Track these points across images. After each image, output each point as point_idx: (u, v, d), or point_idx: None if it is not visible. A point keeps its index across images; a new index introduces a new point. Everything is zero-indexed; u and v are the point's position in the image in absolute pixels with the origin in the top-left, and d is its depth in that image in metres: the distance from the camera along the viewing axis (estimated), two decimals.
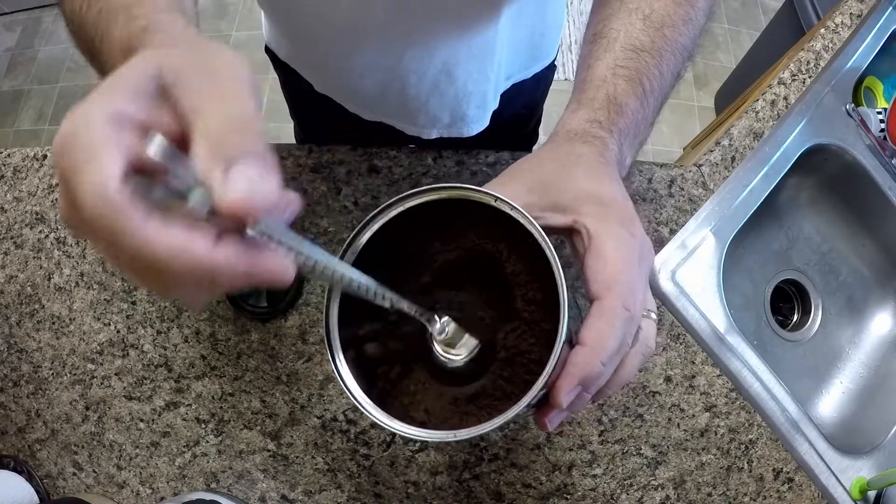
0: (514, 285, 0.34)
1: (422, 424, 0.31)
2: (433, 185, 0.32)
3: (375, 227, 0.32)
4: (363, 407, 0.31)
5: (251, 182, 0.20)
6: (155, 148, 0.19)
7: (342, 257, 0.32)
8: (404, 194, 0.32)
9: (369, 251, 0.32)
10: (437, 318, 0.32)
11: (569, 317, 0.28)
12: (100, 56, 0.31)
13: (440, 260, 0.35)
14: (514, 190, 0.33)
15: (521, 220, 0.30)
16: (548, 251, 0.29)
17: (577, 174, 0.34)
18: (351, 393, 0.31)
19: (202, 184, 0.20)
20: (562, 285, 0.29)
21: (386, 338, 0.35)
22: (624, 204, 0.33)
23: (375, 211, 0.32)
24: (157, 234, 0.19)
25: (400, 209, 0.32)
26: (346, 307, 0.32)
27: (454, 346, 0.33)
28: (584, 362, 0.28)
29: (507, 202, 0.30)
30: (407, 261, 0.36)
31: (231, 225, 0.21)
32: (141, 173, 0.20)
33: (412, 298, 0.32)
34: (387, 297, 0.29)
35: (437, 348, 0.34)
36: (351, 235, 0.32)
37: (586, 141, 0.36)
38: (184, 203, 0.20)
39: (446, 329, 0.33)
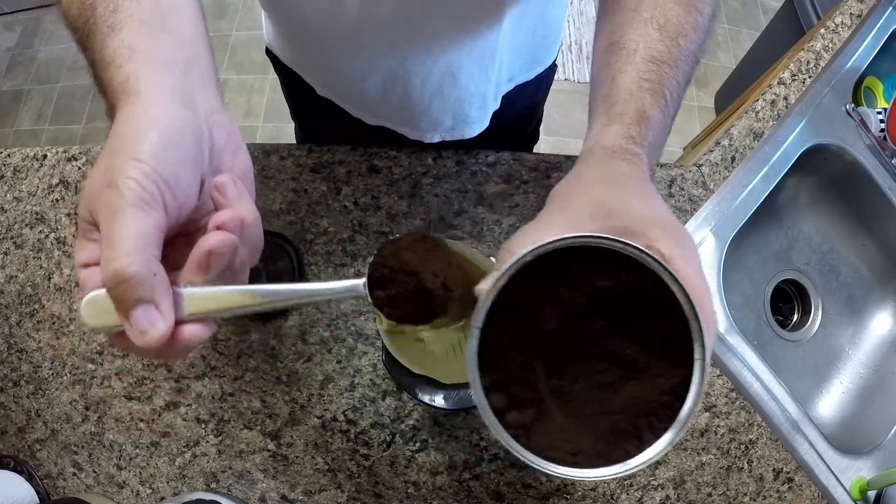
0: (641, 320, 0.35)
1: (574, 464, 0.32)
2: (561, 237, 0.31)
3: (503, 282, 0.32)
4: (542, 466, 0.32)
5: (145, 331, 0.28)
6: (85, 314, 0.29)
7: (483, 314, 0.33)
8: (533, 247, 0.32)
9: (500, 306, 0.33)
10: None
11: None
12: (96, 66, 0.34)
13: (567, 305, 0.36)
14: (576, 217, 0.33)
15: (653, 266, 0.31)
16: (682, 298, 0.31)
17: (633, 197, 0.34)
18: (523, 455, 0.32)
19: None
20: (697, 330, 0.31)
21: (511, 385, 0.35)
22: (679, 224, 0.34)
23: (507, 266, 0.32)
24: (119, 343, 0.30)
25: (528, 259, 0.32)
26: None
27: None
28: None
29: (635, 246, 0.31)
30: (535, 310, 0.36)
31: None
32: None
33: (540, 343, 0.34)
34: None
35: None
36: (486, 301, 0.32)
37: (626, 159, 0.37)
38: None
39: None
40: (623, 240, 0.31)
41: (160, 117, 0.30)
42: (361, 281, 0.34)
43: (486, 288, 0.32)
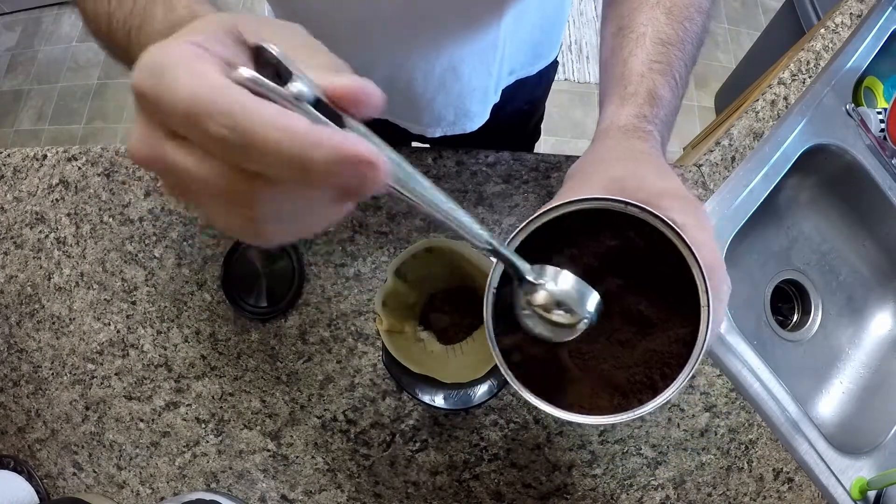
0: (646, 282, 0.36)
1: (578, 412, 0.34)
2: (562, 202, 0.33)
3: (518, 241, 0.34)
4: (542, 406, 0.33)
5: (358, 80, 0.21)
6: (247, 73, 0.20)
7: (490, 281, 0.34)
8: (539, 212, 0.33)
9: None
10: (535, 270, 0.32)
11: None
12: (133, 48, 0.32)
13: (580, 266, 0.37)
14: (592, 192, 0.34)
15: (652, 221, 0.32)
16: (681, 245, 0.32)
17: (647, 171, 0.36)
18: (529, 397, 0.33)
19: (306, 78, 0.21)
20: (700, 276, 0.32)
21: (527, 346, 0.36)
22: (691, 195, 0.36)
23: (519, 227, 0.34)
24: (262, 108, 0.19)
25: (537, 224, 0.33)
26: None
27: (563, 308, 0.32)
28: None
29: (635, 204, 0.32)
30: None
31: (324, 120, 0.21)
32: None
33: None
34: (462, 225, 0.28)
35: (543, 316, 0.33)
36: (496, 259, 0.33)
37: (640, 137, 0.38)
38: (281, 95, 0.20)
39: (548, 280, 0.32)
40: (625, 199, 0.32)
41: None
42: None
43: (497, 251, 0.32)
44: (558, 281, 0.32)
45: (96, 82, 2.01)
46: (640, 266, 0.36)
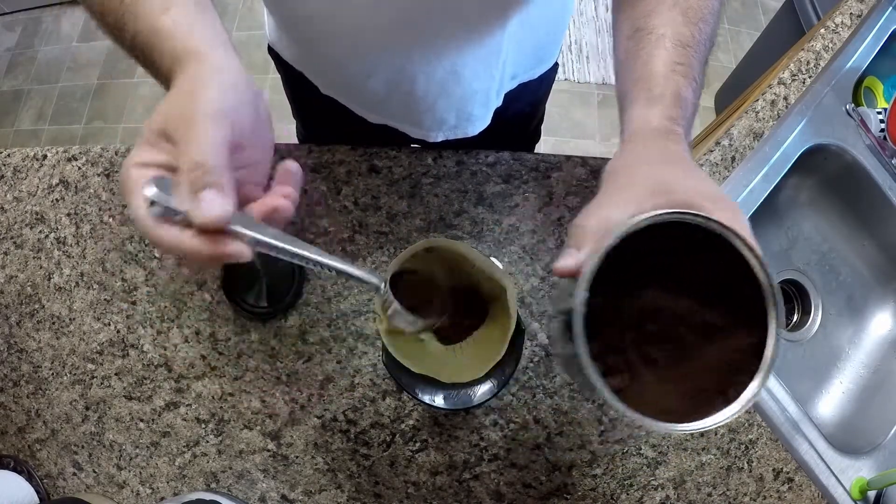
0: (716, 288, 0.37)
1: (670, 422, 0.34)
2: (657, 213, 0.33)
3: (601, 261, 0.34)
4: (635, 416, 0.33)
5: (209, 209, 0.32)
6: (150, 192, 0.33)
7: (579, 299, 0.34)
8: (634, 223, 0.33)
9: (604, 277, 0.34)
10: (383, 289, 0.40)
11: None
12: (149, 57, 0.40)
13: (652, 276, 0.38)
14: (637, 194, 0.35)
15: (731, 239, 0.33)
16: (751, 258, 0.33)
17: (686, 174, 0.36)
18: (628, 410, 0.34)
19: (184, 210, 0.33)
20: (768, 285, 0.33)
21: (606, 354, 0.37)
22: (728, 197, 0.36)
23: (606, 245, 0.33)
24: (163, 233, 0.34)
25: (623, 236, 0.33)
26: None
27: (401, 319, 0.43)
28: None
29: (717, 222, 0.33)
30: (623, 284, 0.38)
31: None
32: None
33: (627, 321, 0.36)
34: (332, 268, 0.36)
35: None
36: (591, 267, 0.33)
37: (673, 139, 0.39)
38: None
39: (391, 304, 0.41)
40: (705, 215, 0.33)
41: (229, 68, 0.37)
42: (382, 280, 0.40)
43: (571, 265, 0.34)
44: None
45: (96, 82, 2.00)
46: (707, 275, 0.36)
